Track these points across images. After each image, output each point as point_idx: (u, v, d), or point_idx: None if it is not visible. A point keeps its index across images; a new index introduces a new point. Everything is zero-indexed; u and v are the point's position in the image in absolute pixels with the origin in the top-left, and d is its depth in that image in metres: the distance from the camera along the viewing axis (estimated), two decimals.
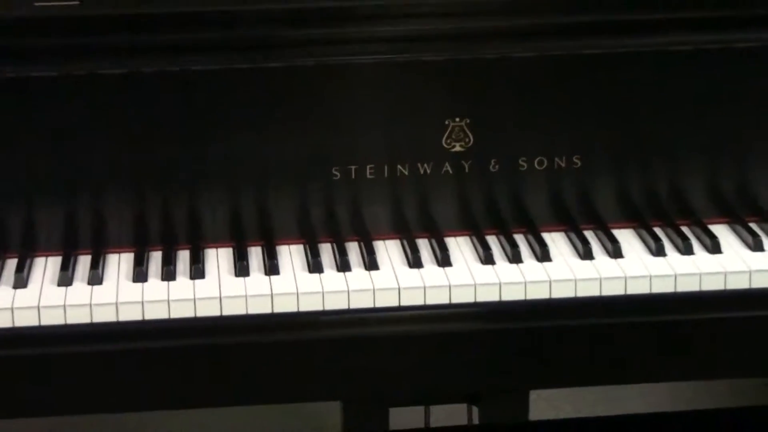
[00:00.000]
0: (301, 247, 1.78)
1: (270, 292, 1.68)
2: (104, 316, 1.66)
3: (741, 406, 2.21)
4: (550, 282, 1.70)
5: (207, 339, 1.68)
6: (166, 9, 1.76)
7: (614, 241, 1.76)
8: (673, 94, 1.80)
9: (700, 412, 2.21)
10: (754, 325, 1.73)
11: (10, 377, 1.67)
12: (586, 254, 1.74)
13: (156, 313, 1.67)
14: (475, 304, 1.70)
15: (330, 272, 1.72)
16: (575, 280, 1.70)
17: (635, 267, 1.72)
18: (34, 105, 1.73)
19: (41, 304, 1.66)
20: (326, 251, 1.76)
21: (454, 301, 1.70)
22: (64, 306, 1.66)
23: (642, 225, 1.81)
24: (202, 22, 1.75)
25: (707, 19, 1.78)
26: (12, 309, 1.65)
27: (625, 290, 1.71)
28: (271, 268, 1.72)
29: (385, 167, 1.78)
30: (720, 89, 1.81)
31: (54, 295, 1.68)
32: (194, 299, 1.67)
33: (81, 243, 1.77)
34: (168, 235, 1.78)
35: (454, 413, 2.26)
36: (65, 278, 1.70)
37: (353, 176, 1.78)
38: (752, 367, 1.85)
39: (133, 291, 1.69)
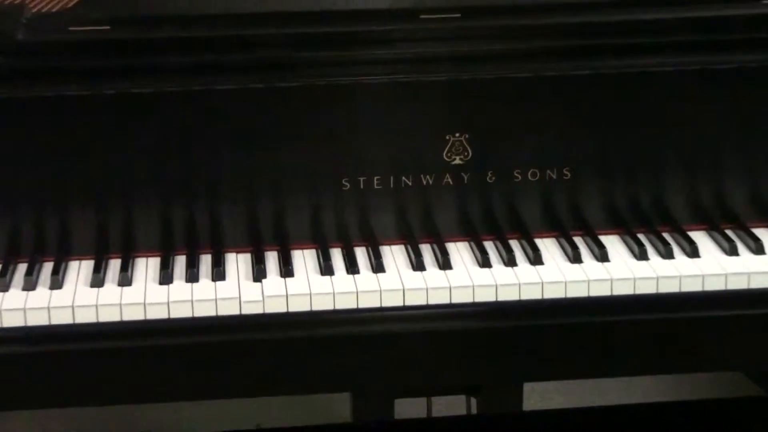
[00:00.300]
0: (313, 251, 1.78)
1: (285, 293, 1.69)
2: (133, 314, 1.67)
3: (719, 398, 2.23)
4: (542, 284, 1.71)
5: (227, 336, 1.69)
6: (190, 33, 1.78)
7: (601, 246, 1.77)
8: (654, 112, 1.81)
9: (681, 403, 2.23)
10: (730, 323, 1.74)
11: (45, 370, 1.68)
12: (575, 258, 1.75)
13: (180, 312, 1.68)
14: (474, 304, 1.71)
15: (340, 274, 1.73)
16: (565, 282, 1.71)
17: (620, 270, 1.73)
18: (69, 121, 1.75)
19: (75, 304, 1.67)
20: (337, 255, 1.77)
21: (454, 301, 1.70)
22: (96, 306, 1.67)
23: (627, 231, 1.81)
24: (223, 45, 1.77)
25: (683, 43, 1.80)
26: (48, 308, 1.66)
27: (611, 291, 1.72)
28: (286, 271, 1.73)
29: (391, 178, 1.79)
30: (696, 107, 1.82)
31: (87, 295, 1.69)
32: (215, 299, 1.68)
33: (112, 248, 1.78)
34: (191, 241, 1.79)
35: (454, 404, 2.29)
36: (97, 280, 1.71)
37: (361, 187, 1.79)
38: (729, 361, 1.86)
39: (159, 292, 1.70)
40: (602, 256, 1.76)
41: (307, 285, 1.71)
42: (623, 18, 1.82)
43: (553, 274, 1.73)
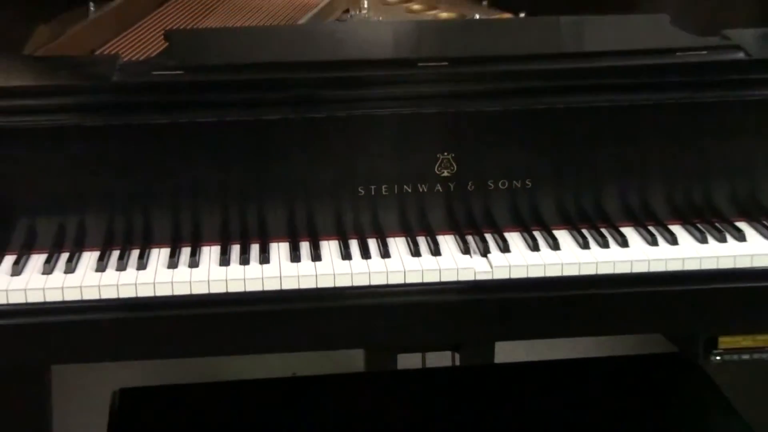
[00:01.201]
0: (336, 241, 1.79)
1: (315, 273, 1.71)
2: (199, 289, 1.69)
3: (642, 353, 2.24)
4: (509, 267, 1.73)
5: (271, 306, 1.70)
6: (243, 77, 1.80)
7: (554, 238, 1.79)
8: (593, 137, 1.82)
9: (613, 358, 2.24)
10: (652, 297, 1.76)
11: (131, 332, 1.71)
12: (535, 248, 1.77)
13: (235, 287, 1.70)
14: (457, 282, 1.73)
15: (357, 259, 1.74)
16: (527, 266, 1.73)
17: (569, 256, 1.75)
18: (151, 143, 1.76)
19: (156, 281, 1.69)
20: (354, 245, 1.78)
21: (443, 280, 1.72)
22: (172, 282, 1.69)
23: (574, 227, 1.82)
24: (267, 86, 1.79)
25: (614, 85, 1.82)
26: (135, 284, 1.69)
27: (562, 273, 1.73)
28: (316, 256, 1.75)
29: (395, 186, 1.80)
30: (623, 134, 1.82)
31: (165, 274, 1.71)
32: (262, 278, 1.70)
33: (183, 239, 1.79)
34: (244, 233, 1.80)
35: (442, 357, 2.29)
36: (173, 263, 1.73)
37: (372, 193, 1.80)
38: (650, 325, 1.88)
39: (219, 272, 1.71)
40: (555, 246, 1.77)
41: (332, 267, 1.72)
42: (568, 66, 1.84)
43: (517, 259, 1.74)
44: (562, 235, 1.80)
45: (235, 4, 2.40)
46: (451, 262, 1.74)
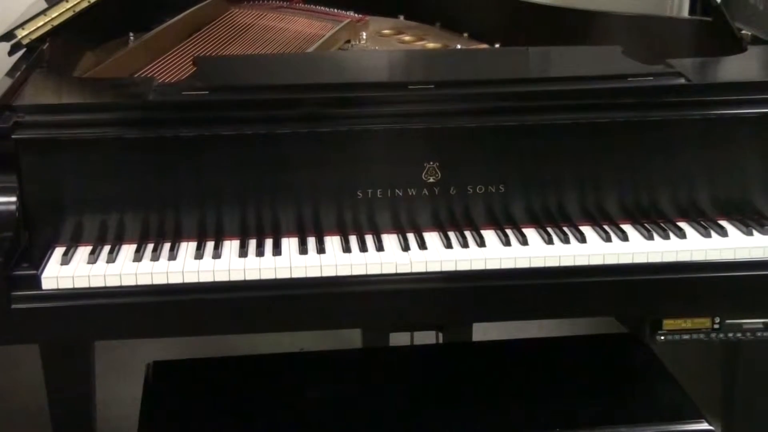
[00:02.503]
0: (338, 237, 1.78)
1: (320, 264, 1.70)
2: (221, 277, 1.69)
3: (597, 333, 2.23)
4: (485, 260, 1.72)
5: (282, 291, 1.70)
6: (260, 96, 1.79)
7: (523, 235, 1.78)
8: (559, 149, 1.81)
9: (572, 337, 2.23)
10: (606, 286, 1.75)
11: (163, 313, 1.70)
12: (506, 243, 1.76)
13: (251, 275, 1.69)
14: (441, 272, 1.72)
15: (355, 252, 1.74)
16: (500, 258, 1.72)
17: (536, 251, 1.74)
18: (180, 152, 1.75)
19: (184, 270, 1.69)
20: (353, 240, 1.77)
21: (429, 270, 1.72)
22: (198, 271, 1.69)
23: (540, 226, 1.81)
24: (280, 104, 1.78)
25: (572, 106, 1.80)
26: (167, 273, 1.68)
27: (530, 264, 1.73)
28: (321, 249, 1.74)
29: (388, 190, 1.79)
30: (582, 146, 1.81)
31: (192, 264, 1.70)
32: (275, 268, 1.69)
33: (208, 234, 1.78)
34: (260, 229, 1.79)
35: (428, 336, 2.28)
36: (199, 255, 1.72)
37: (369, 196, 1.79)
38: (603, 309, 1.91)
39: (238, 263, 1.70)
40: (524, 242, 1.77)
41: (334, 258, 1.71)
42: (536, 89, 1.83)
43: (492, 253, 1.74)
44: (530, 233, 1.79)
45: (253, 36, 2.40)
46: (435, 255, 1.73)
